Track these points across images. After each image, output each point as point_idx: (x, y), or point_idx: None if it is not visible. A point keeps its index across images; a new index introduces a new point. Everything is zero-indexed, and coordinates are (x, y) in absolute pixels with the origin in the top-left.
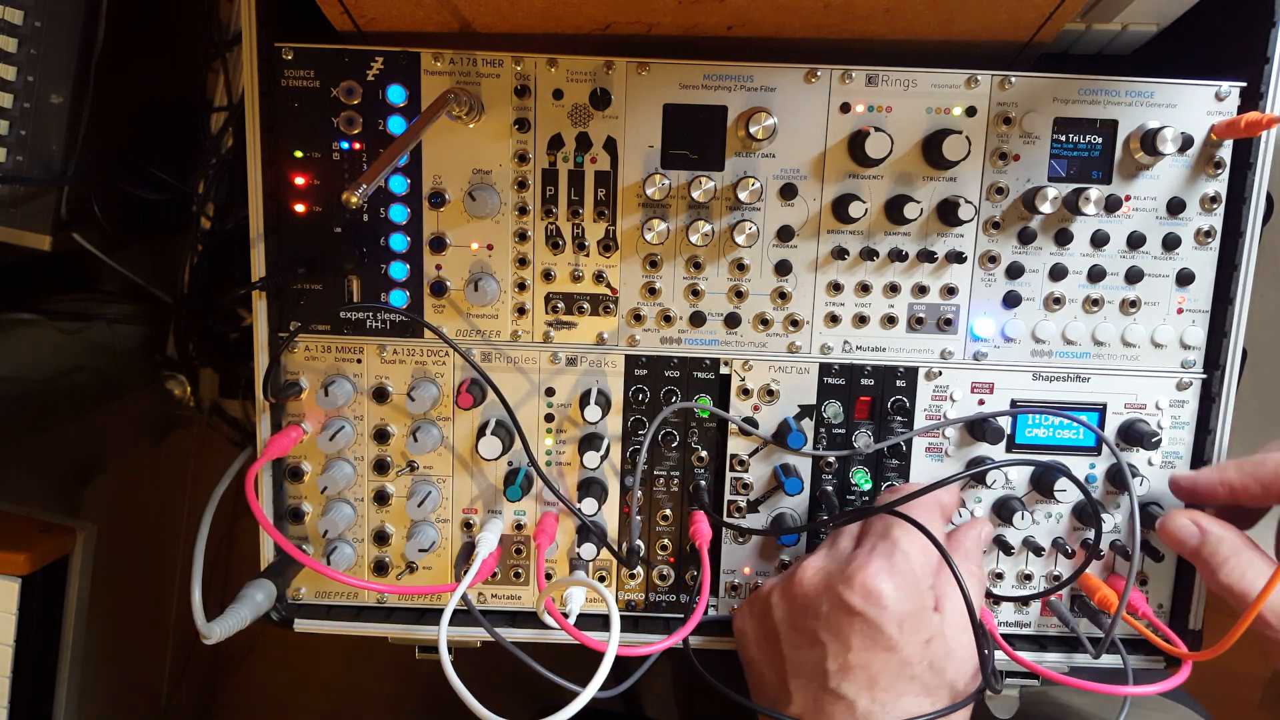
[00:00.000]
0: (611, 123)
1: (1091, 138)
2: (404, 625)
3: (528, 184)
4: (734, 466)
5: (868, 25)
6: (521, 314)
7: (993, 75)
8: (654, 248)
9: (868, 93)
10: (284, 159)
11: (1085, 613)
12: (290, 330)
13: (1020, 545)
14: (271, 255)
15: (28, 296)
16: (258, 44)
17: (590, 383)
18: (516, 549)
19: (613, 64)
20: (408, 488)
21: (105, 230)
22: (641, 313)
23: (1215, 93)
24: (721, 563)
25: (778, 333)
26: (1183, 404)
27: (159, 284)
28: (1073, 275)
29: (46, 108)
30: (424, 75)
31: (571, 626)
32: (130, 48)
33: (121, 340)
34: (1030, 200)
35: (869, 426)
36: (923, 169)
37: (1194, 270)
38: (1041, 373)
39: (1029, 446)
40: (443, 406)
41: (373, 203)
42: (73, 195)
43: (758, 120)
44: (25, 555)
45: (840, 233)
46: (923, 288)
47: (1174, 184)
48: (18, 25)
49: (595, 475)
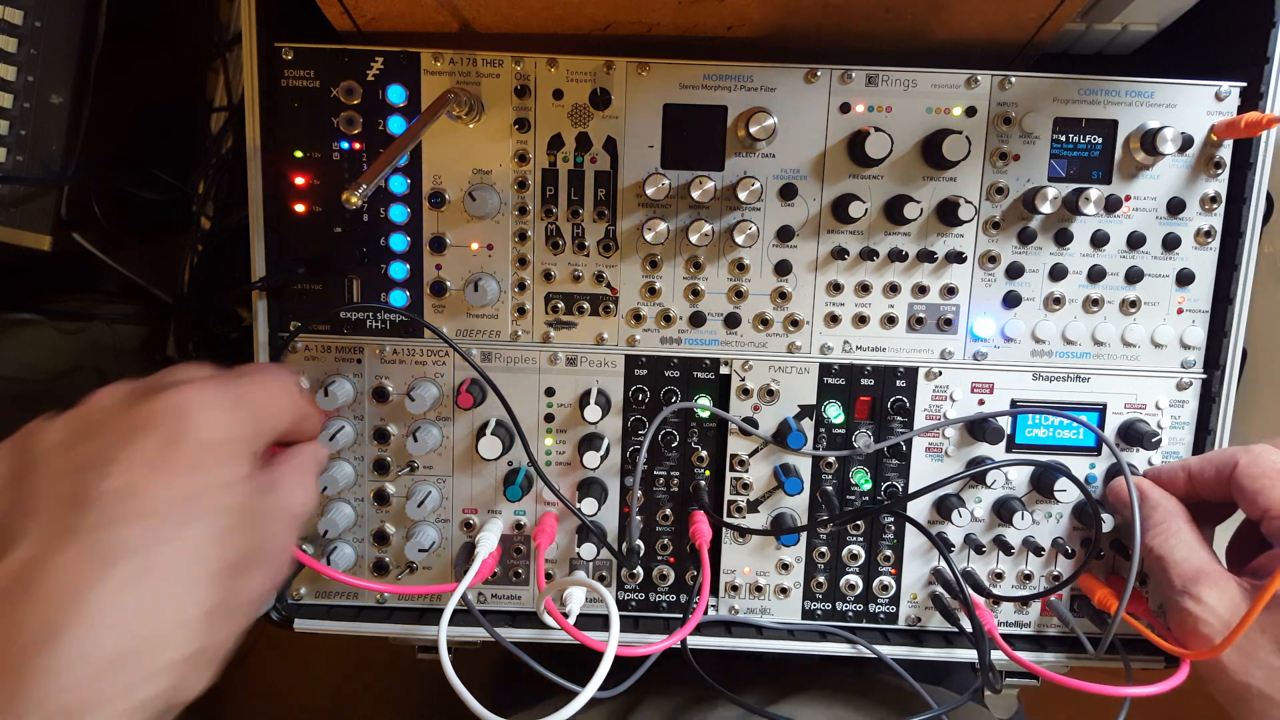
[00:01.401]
0: (611, 123)
1: (1091, 138)
2: (404, 625)
3: (528, 184)
4: (734, 466)
5: (868, 25)
6: (521, 314)
7: (993, 75)
8: (654, 248)
9: (868, 93)
10: (284, 159)
11: (1085, 613)
12: (290, 330)
13: (1020, 545)
14: (271, 255)
15: (28, 296)
16: (258, 44)
17: (590, 383)
18: (516, 549)
19: (613, 64)
20: (408, 488)
21: (105, 230)
22: (641, 313)
23: (1215, 93)
24: (721, 563)
25: (778, 333)
26: (1183, 404)
27: (159, 284)
28: (1073, 275)
29: (46, 108)
30: (424, 75)
31: (571, 626)
32: (130, 48)
33: (121, 340)
34: (1030, 200)
35: (869, 426)
36: (923, 169)
37: (1194, 270)
38: (1041, 373)
39: (1029, 446)
40: (443, 406)
41: (373, 203)
42: (73, 195)
43: (758, 120)
44: None
45: (840, 233)
46: (923, 288)
47: (1174, 184)
48: (18, 25)
49: (595, 475)
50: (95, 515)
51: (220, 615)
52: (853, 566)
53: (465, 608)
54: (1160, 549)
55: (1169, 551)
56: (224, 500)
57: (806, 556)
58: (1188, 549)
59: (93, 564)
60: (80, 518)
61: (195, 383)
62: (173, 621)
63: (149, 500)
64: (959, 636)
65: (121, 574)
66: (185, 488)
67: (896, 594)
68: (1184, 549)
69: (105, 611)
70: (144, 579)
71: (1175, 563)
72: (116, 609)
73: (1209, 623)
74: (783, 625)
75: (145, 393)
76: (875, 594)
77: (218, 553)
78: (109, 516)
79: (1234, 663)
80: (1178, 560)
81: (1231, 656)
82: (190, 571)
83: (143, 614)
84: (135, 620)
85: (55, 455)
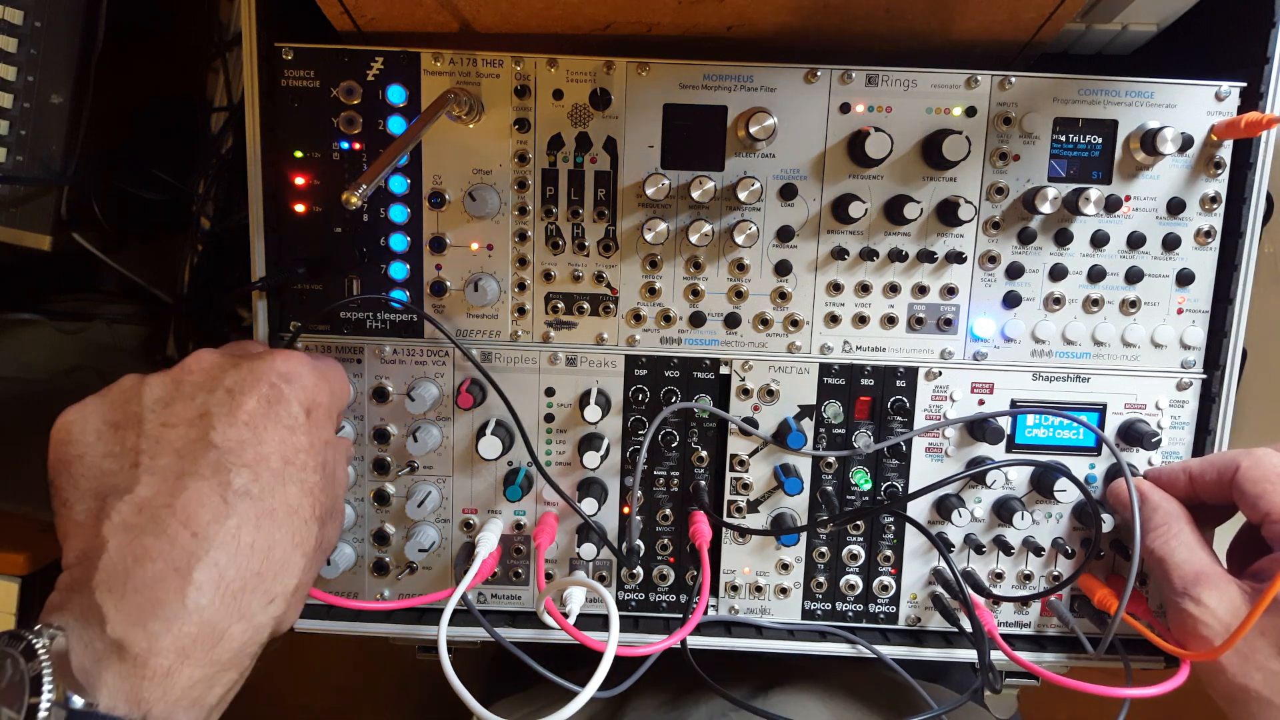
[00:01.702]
0: (611, 123)
1: (1091, 138)
2: (404, 625)
3: (528, 184)
4: (734, 466)
5: (868, 25)
6: (521, 314)
7: (993, 75)
8: (654, 248)
9: (868, 93)
10: (284, 159)
11: (1085, 613)
12: (290, 330)
13: (1020, 545)
14: (271, 255)
15: (28, 296)
16: (258, 44)
17: (590, 383)
18: (516, 549)
19: (613, 64)
20: (408, 488)
21: (105, 230)
22: (641, 313)
23: (1215, 93)
24: (721, 563)
25: (778, 333)
26: (1183, 404)
27: (159, 284)
28: (1073, 275)
29: (46, 108)
30: (424, 75)
31: (571, 626)
32: (130, 48)
33: (121, 340)
34: (1030, 200)
35: (869, 426)
36: (923, 169)
37: (1194, 270)
38: (1041, 373)
39: (1029, 446)
40: (443, 406)
41: (373, 203)
42: (73, 195)
43: (758, 120)
44: (25, 555)
45: (840, 233)
46: (923, 288)
47: (1174, 184)
48: (18, 25)
49: (595, 475)
50: (211, 462)
51: (313, 557)
52: (853, 566)
53: (465, 608)
54: (1161, 550)
55: (1170, 553)
56: (315, 459)
57: (806, 556)
58: (1188, 551)
59: (215, 503)
60: (196, 464)
61: (283, 353)
62: (281, 560)
63: (254, 453)
64: (959, 636)
65: (241, 513)
66: (285, 446)
67: (896, 594)
68: (1185, 550)
69: (231, 543)
70: (260, 521)
71: (1176, 564)
72: (239, 543)
73: (1209, 624)
74: (783, 625)
75: (236, 360)
76: (875, 594)
77: (310, 503)
78: (224, 463)
79: (1233, 665)
80: (1179, 562)
81: (1231, 659)
82: (295, 518)
83: (259, 550)
84: (255, 554)
85: (159, 409)
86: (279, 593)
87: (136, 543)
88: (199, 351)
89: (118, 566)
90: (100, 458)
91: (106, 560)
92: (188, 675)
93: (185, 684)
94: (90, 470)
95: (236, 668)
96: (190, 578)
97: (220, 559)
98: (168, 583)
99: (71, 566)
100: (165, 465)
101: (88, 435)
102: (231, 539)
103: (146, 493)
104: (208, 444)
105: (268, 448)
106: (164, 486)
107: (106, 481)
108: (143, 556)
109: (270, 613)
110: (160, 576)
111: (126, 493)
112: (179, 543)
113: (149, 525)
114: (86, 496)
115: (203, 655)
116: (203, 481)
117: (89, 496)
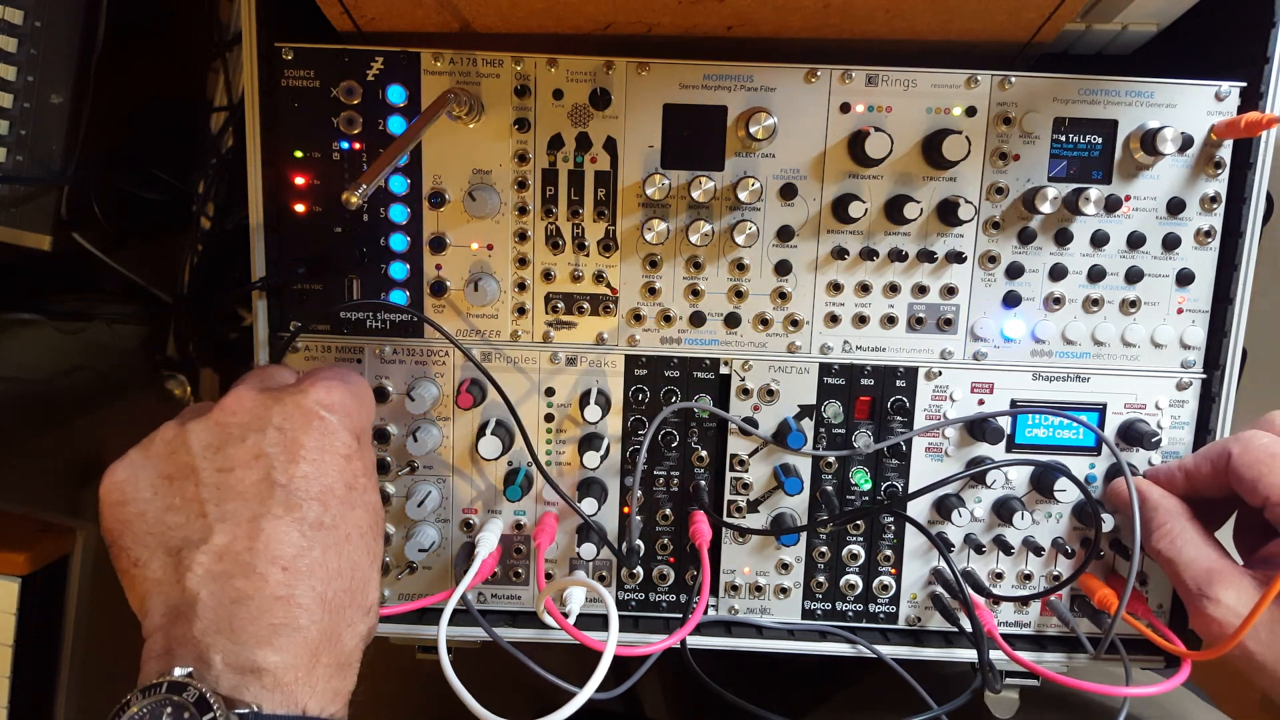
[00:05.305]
0: (611, 123)
1: (1091, 138)
2: (404, 625)
3: (528, 184)
4: (734, 466)
5: (868, 25)
6: (521, 314)
7: (993, 75)
8: (654, 248)
9: (868, 93)
10: (284, 159)
11: (1085, 613)
12: (290, 330)
13: (1020, 545)
14: (271, 255)
15: (28, 296)
16: (258, 44)
17: (590, 383)
18: (516, 549)
19: (613, 64)
20: (408, 488)
21: (105, 230)
22: (641, 313)
23: (1215, 93)
24: (721, 563)
25: (777, 333)
26: (1183, 404)
27: (159, 284)
28: (1073, 275)
29: (46, 108)
30: (424, 75)
31: (571, 626)
32: (130, 48)
33: (121, 340)
34: (1030, 200)
35: (869, 426)
36: (923, 169)
37: (1194, 270)
38: (1041, 373)
39: (1029, 446)
40: (443, 406)
41: (373, 203)
42: (73, 195)
43: (758, 120)
44: (25, 555)
45: (840, 233)
46: (923, 288)
47: (1174, 184)
48: (18, 25)
49: (595, 475)
50: (281, 500)
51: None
52: (853, 566)
53: (465, 608)
54: (1168, 551)
55: (1178, 553)
56: (372, 479)
57: (806, 556)
58: (1195, 548)
59: (294, 538)
60: (265, 504)
61: (318, 382)
62: (364, 578)
63: (320, 485)
64: (959, 636)
65: (322, 542)
66: (345, 473)
67: (896, 594)
68: (1192, 549)
69: (320, 571)
70: (340, 547)
71: (1186, 564)
72: (327, 569)
73: (1231, 623)
74: (783, 625)
75: (276, 395)
76: (875, 594)
77: (374, 520)
78: (294, 500)
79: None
80: (1188, 561)
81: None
82: (366, 537)
83: (345, 573)
84: (342, 577)
85: (210, 455)
86: (369, 604)
87: (229, 586)
88: (235, 391)
89: (218, 612)
90: (162, 512)
91: (203, 609)
92: (324, 671)
93: (324, 678)
94: (155, 527)
95: (354, 668)
96: (295, 600)
97: (316, 585)
98: (275, 611)
99: (164, 628)
100: (234, 510)
101: (143, 492)
102: (320, 567)
103: (223, 540)
104: (271, 483)
105: (330, 478)
106: (239, 531)
107: (175, 535)
108: (240, 598)
109: (368, 622)
110: (266, 607)
111: (202, 543)
112: (272, 578)
113: (236, 570)
114: (159, 553)
115: (329, 657)
116: (278, 520)
117: (160, 553)
